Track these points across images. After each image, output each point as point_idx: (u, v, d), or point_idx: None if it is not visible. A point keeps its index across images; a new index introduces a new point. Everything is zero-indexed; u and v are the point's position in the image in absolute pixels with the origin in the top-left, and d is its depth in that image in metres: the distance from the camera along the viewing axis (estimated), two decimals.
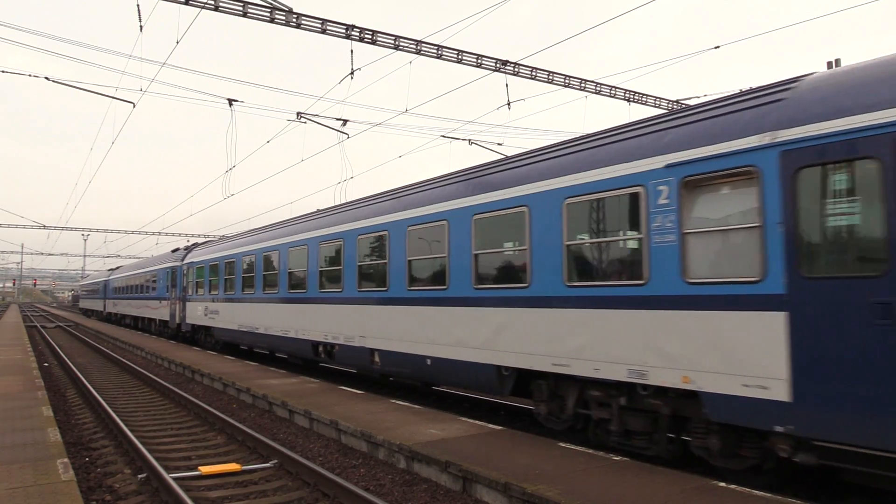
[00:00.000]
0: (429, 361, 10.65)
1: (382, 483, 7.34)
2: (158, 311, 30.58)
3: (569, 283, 8.12)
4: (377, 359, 12.23)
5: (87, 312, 67.31)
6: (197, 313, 23.96)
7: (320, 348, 14.61)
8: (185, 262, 26.14)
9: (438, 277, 10.61)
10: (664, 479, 6.33)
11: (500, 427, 9.03)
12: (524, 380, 9.17)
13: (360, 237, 12.93)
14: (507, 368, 9.24)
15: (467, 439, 8.16)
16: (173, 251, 30.85)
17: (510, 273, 9.27)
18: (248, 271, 18.77)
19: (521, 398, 10.09)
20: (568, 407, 8.48)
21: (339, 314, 13.55)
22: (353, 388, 13.01)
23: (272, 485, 7.46)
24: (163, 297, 29.60)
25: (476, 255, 9.80)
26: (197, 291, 24.10)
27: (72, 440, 9.70)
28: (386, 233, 12.04)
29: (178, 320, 26.61)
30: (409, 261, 11.31)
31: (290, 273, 16.02)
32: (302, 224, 16.11)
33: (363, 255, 12.82)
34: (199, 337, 24.55)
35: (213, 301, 21.98)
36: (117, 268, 53.21)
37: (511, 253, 9.31)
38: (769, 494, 5.84)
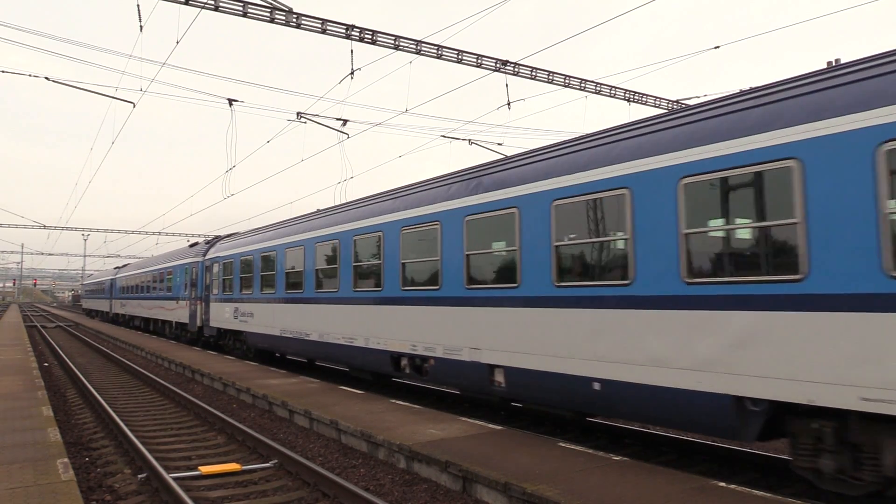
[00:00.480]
0: (596, 386, 7.69)
1: (382, 483, 7.35)
2: (175, 312, 27.35)
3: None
4: (500, 378, 9.32)
5: (91, 313, 63.64)
6: (224, 315, 20.70)
7: (404, 361, 11.65)
8: (207, 257, 23.07)
9: (613, 269, 7.67)
10: (664, 479, 6.32)
11: (500, 427, 9.02)
12: (779, 417, 6.36)
13: (468, 219, 10.00)
14: (756, 401, 6.25)
15: (467, 439, 8.16)
16: (191, 245, 27.63)
17: (760, 261, 6.31)
18: (295, 266, 15.89)
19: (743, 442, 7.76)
20: (885, 465, 5.63)
21: (435, 318, 10.60)
22: (353, 388, 13.01)
23: (272, 485, 7.46)
24: (180, 296, 26.32)
25: (687, 235, 6.80)
26: (224, 290, 20.77)
27: (72, 440, 9.71)
28: (515, 211, 9.03)
29: (199, 323, 23.64)
30: (557, 247, 8.30)
31: (356, 267, 13.14)
32: (372, 206, 13.03)
33: (473, 243, 9.91)
34: (227, 342, 21.32)
35: (246, 301, 18.77)
36: (124, 265, 49.31)
37: (759, 230, 6.35)
38: (769, 494, 5.84)
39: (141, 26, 13.68)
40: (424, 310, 10.94)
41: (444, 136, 19.76)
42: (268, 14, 13.45)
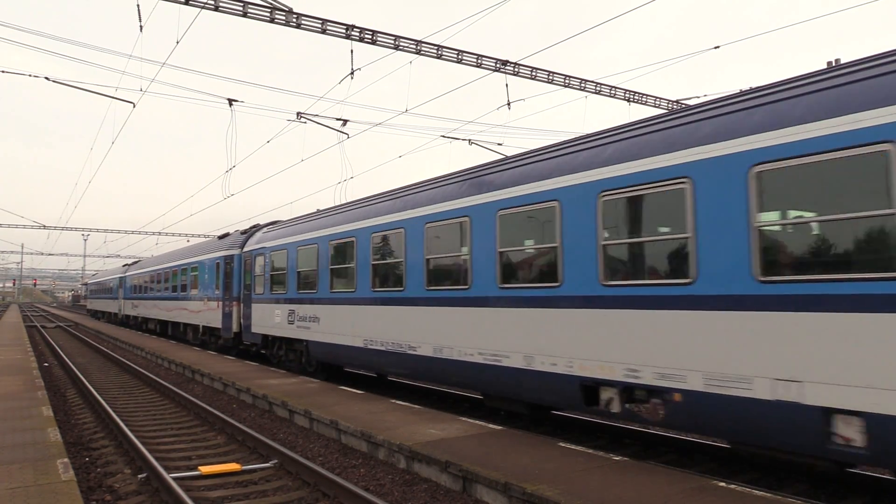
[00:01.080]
0: None
1: (382, 483, 7.35)
2: (202, 315, 23.40)
3: None
4: (850, 433, 5.65)
5: (97, 314, 58.67)
6: (272, 319, 17.04)
7: (608, 393, 7.80)
8: (247, 249, 19.39)
9: None
10: (664, 479, 6.33)
11: (500, 427, 9.02)
12: None
13: (760, 169, 6.32)
14: None
15: (467, 439, 8.17)
16: (222, 237, 23.84)
17: None
18: (389, 256, 12.10)
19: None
20: None
21: (686, 329, 6.88)
22: (352, 388, 13.01)
23: (272, 485, 7.47)
24: (210, 296, 22.50)
25: None
26: (272, 289, 17.03)
27: (72, 440, 9.71)
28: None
29: (236, 328, 20.01)
30: None
31: (502, 255, 9.35)
32: (533, 166, 9.18)
33: (768, 202, 6.30)
34: (277, 353, 17.31)
35: (308, 302, 15.07)
36: (135, 262, 44.41)
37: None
38: (769, 494, 5.84)
39: (141, 26, 13.68)
40: (658, 315, 7.21)
41: (444, 137, 19.76)
42: (268, 14, 13.45)
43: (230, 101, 16.43)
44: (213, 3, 12.94)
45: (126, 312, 41.31)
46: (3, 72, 16.57)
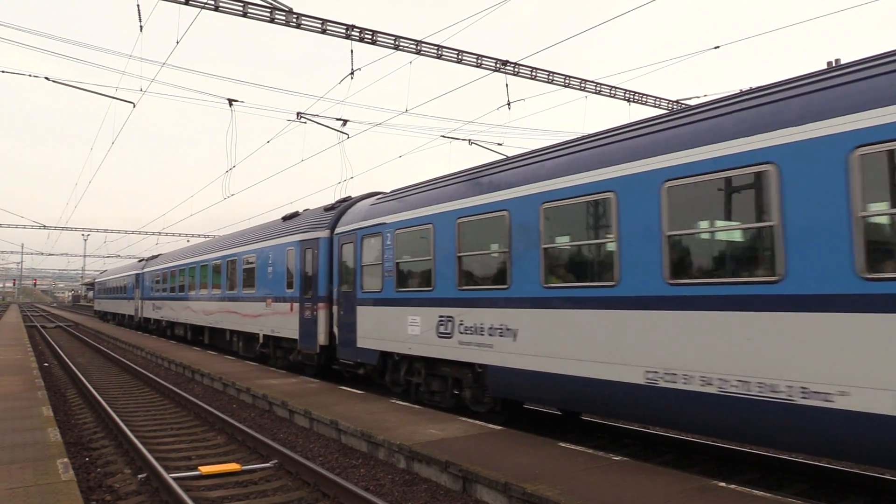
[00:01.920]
0: None
1: (382, 483, 7.35)
2: (264, 320, 17.81)
3: None
4: None
5: (106, 316, 51.20)
6: (401, 330, 11.78)
7: None
8: (344, 228, 14.09)
9: None
10: (665, 479, 6.33)
11: (500, 427, 9.02)
12: None
13: None
14: None
15: (467, 439, 8.16)
16: (288, 217, 17.91)
17: None
18: (739, 219, 6.61)
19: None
20: None
21: None
22: (352, 388, 13.01)
23: (272, 485, 7.47)
24: (278, 295, 16.88)
25: None
26: (399, 284, 11.90)
27: (72, 440, 9.71)
28: None
29: (324, 339, 14.61)
30: None
31: None
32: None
33: None
34: (405, 378, 11.99)
35: (486, 305, 9.75)
36: (153, 257, 37.09)
37: None
38: (769, 494, 5.84)
39: (141, 26, 13.68)
40: None
41: (444, 137, 19.77)
42: (268, 14, 13.45)
43: (230, 101, 16.44)
44: (213, 3, 12.95)
45: (145, 315, 34.67)
46: (3, 72, 16.58)
